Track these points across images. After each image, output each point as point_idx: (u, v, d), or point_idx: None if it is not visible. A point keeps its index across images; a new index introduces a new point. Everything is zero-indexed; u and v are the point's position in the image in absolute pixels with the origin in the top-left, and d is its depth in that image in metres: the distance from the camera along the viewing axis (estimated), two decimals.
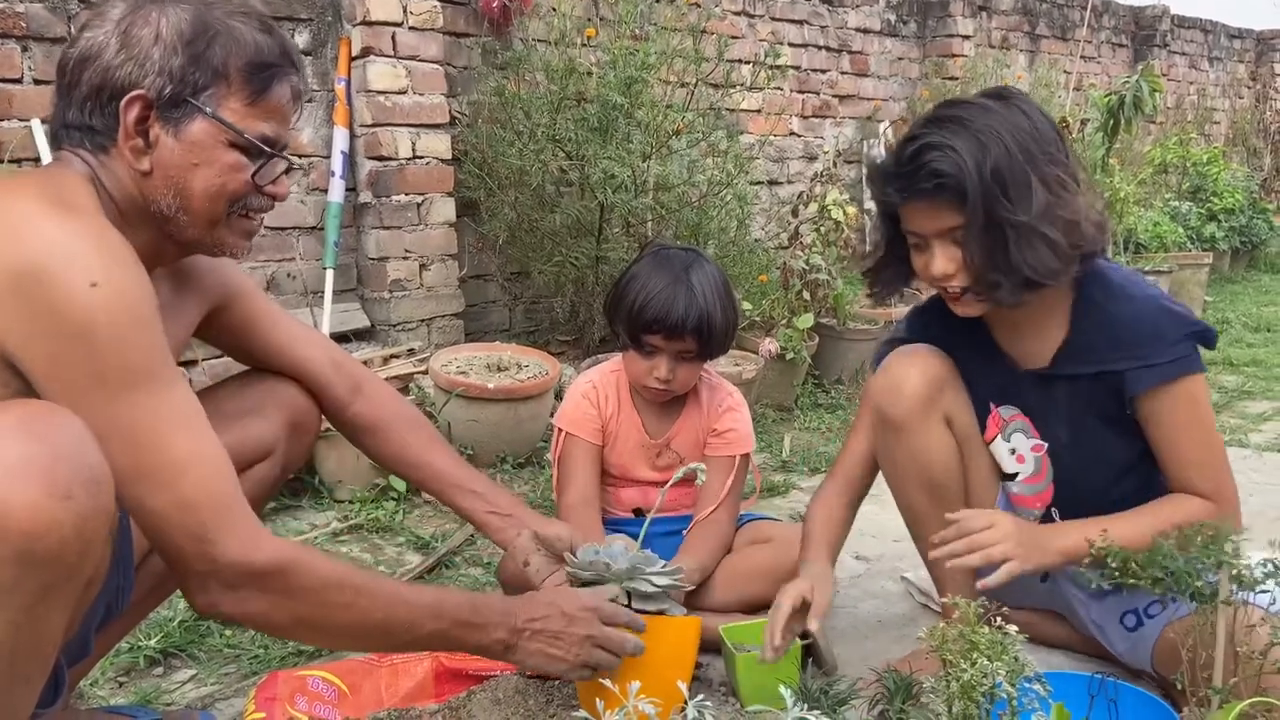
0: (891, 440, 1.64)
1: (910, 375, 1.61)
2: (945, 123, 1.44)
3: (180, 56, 1.11)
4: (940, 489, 1.64)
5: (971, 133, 1.41)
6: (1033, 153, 1.41)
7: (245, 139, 1.15)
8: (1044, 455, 1.62)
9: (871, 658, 1.76)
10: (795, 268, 3.71)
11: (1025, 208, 1.39)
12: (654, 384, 1.83)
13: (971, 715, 1.21)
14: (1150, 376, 1.47)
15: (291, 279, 3.40)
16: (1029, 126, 1.43)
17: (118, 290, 1.02)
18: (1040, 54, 7.13)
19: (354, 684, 1.59)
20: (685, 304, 1.77)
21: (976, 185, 1.39)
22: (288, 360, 1.47)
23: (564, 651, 1.35)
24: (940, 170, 1.40)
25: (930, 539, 1.53)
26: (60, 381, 1.01)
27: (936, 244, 1.48)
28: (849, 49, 5.74)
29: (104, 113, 1.12)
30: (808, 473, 3.01)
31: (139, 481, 1.05)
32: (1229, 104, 9.29)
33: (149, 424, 1.04)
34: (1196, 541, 1.24)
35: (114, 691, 1.68)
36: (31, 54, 2.80)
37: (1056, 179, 1.42)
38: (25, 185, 1.10)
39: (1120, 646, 1.62)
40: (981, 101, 1.47)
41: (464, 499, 1.56)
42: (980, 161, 1.39)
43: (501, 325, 4.06)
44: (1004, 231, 1.40)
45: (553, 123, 3.51)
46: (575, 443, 1.90)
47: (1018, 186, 1.39)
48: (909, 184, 1.45)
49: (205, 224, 1.18)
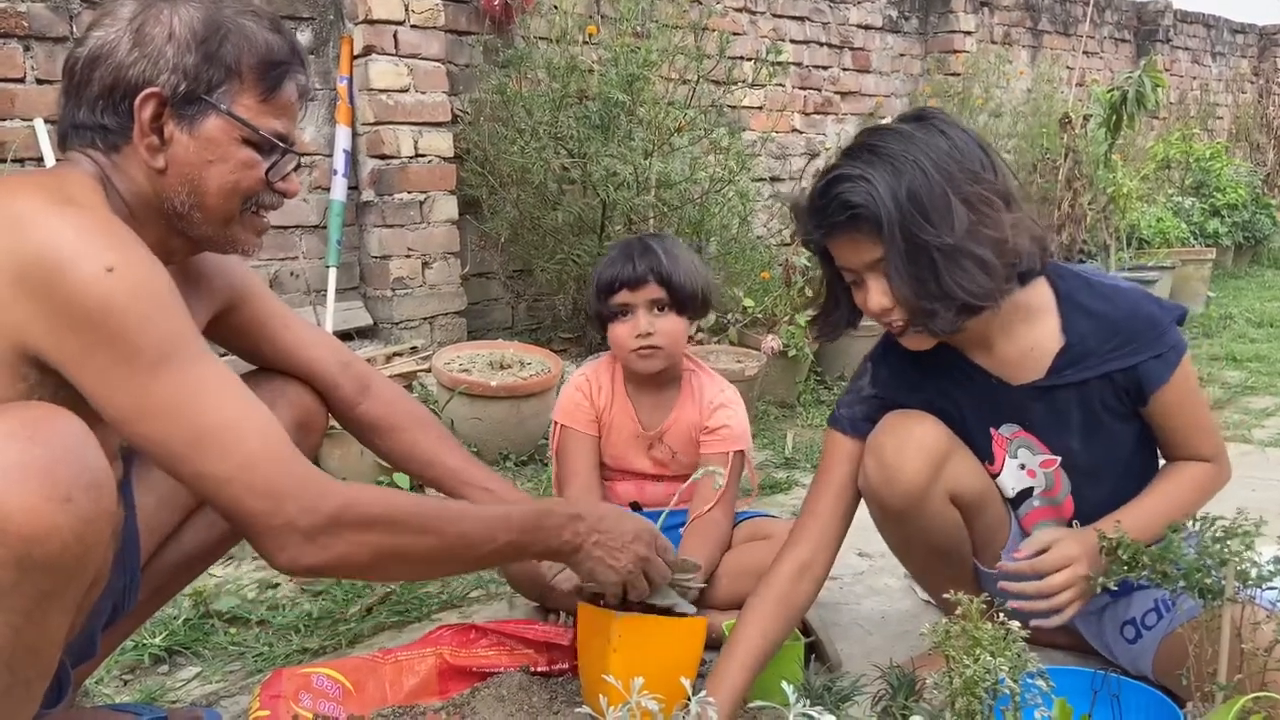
0: (889, 526, 1.61)
1: (906, 460, 1.51)
2: (859, 153, 1.40)
3: (194, 54, 1.12)
4: (945, 555, 1.62)
5: (884, 160, 1.37)
6: (951, 173, 1.36)
7: (259, 135, 1.16)
8: (1056, 470, 1.57)
9: (874, 654, 1.76)
10: (797, 264, 3.70)
11: (948, 229, 1.34)
12: (639, 344, 1.84)
13: (974, 711, 1.21)
14: (1164, 367, 1.46)
15: (294, 277, 3.40)
16: (947, 147, 1.38)
17: (133, 272, 1.02)
18: (1042, 49, 7.12)
19: (358, 681, 1.59)
20: (639, 256, 1.84)
21: (892, 212, 1.34)
22: (296, 360, 1.47)
23: (618, 564, 1.40)
24: (850, 201, 1.36)
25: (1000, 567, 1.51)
26: (94, 369, 1.00)
27: (869, 278, 1.43)
28: (851, 45, 5.74)
29: (117, 111, 1.12)
30: (810, 469, 3.01)
31: (196, 452, 1.04)
32: (1232, 99, 9.27)
33: (192, 394, 1.04)
34: (1209, 539, 1.24)
35: (119, 689, 1.69)
36: (34, 53, 2.81)
37: (980, 197, 1.37)
38: (29, 184, 1.10)
39: (1123, 658, 1.62)
40: (898, 127, 1.43)
41: (475, 496, 1.55)
42: (894, 187, 1.34)
43: (504, 323, 4.06)
44: (930, 256, 1.36)
45: (554, 120, 3.52)
46: (571, 435, 1.92)
47: (937, 209, 1.35)
48: (823, 218, 1.41)
49: (219, 221, 1.18)
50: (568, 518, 1.36)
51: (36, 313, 0.99)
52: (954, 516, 1.57)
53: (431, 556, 1.22)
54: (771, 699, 1.49)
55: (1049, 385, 1.51)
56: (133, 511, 1.25)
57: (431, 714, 1.56)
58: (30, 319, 0.99)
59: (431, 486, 1.59)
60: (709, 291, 1.91)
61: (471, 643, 1.68)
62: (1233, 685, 1.24)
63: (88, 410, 1.02)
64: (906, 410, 1.57)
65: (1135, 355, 1.47)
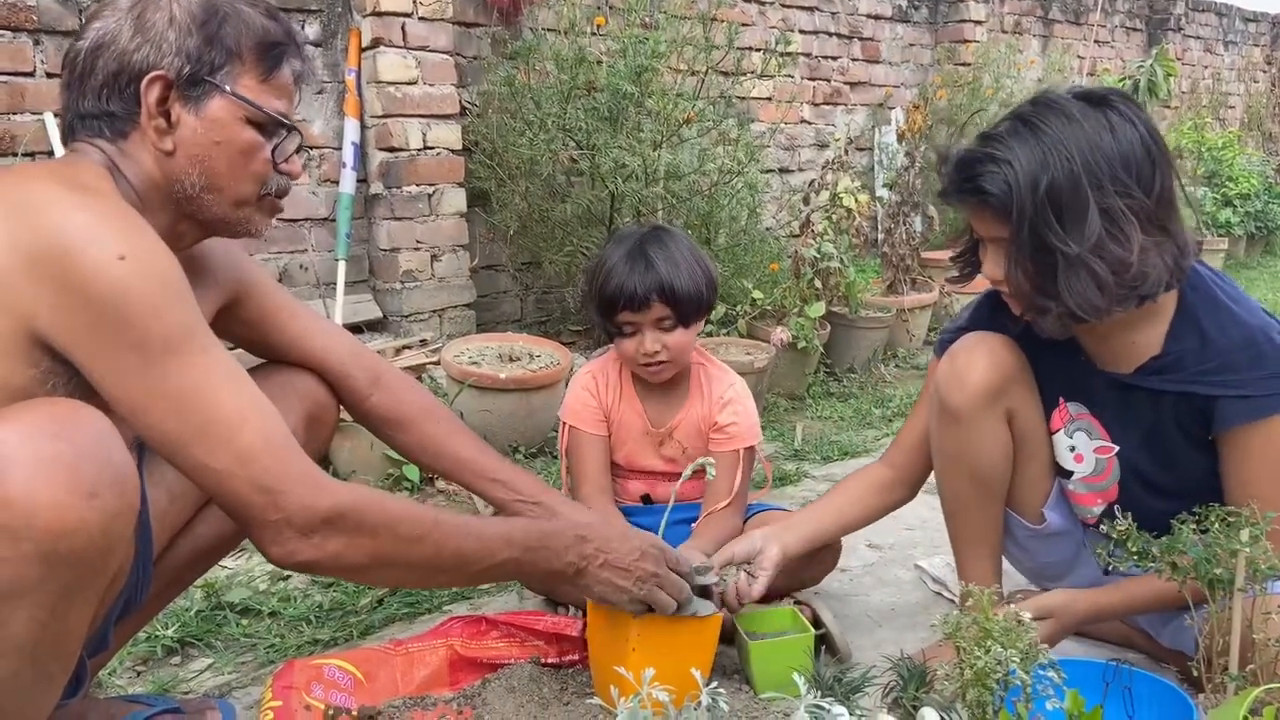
0: (946, 427, 1.60)
1: (976, 366, 1.54)
2: (1018, 127, 1.37)
3: (195, 37, 1.14)
4: (985, 484, 1.61)
5: (1038, 143, 1.33)
6: (1100, 178, 1.31)
7: (263, 113, 1.18)
8: (1110, 458, 1.56)
9: (884, 645, 1.76)
10: (807, 256, 3.69)
11: (1076, 237, 1.31)
12: (647, 360, 1.83)
13: (985, 702, 1.21)
14: (1245, 410, 1.39)
15: (304, 270, 3.41)
16: (1110, 147, 1.32)
17: (146, 260, 1.03)
18: (1053, 39, 7.08)
19: (370, 672, 1.60)
20: (641, 273, 1.78)
21: (1026, 206, 1.32)
22: (305, 352, 1.47)
23: (629, 583, 1.37)
24: (984, 188, 1.36)
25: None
26: (101, 356, 1.01)
27: (991, 247, 1.43)
28: (860, 35, 5.71)
29: (123, 97, 1.14)
30: (820, 461, 3.01)
31: (196, 443, 1.05)
32: (1244, 88, 9.20)
33: (196, 384, 1.05)
34: (1216, 528, 1.23)
35: (132, 681, 1.70)
36: (43, 47, 2.81)
37: (1120, 211, 1.32)
38: (42, 171, 1.11)
39: (1164, 630, 1.62)
40: (1069, 107, 1.36)
41: (489, 488, 1.56)
42: (1036, 178, 1.32)
43: (513, 315, 4.06)
44: (1052, 258, 1.33)
45: (563, 112, 3.51)
46: (580, 436, 1.90)
47: (1072, 213, 1.31)
48: (954, 190, 1.42)
49: (231, 202, 1.20)
50: (574, 539, 1.34)
51: (47, 298, 0.99)
52: (1006, 439, 1.58)
53: (427, 565, 1.22)
54: (782, 691, 1.49)
55: (1129, 383, 1.50)
56: (145, 505, 1.25)
57: (443, 705, 1.56)
58: (41, 304, 1.00)
59: (444, 477, 1.59)
60: (714, 288, 1.88)
61: (482, 634, 1.69)
62: (1245, 676, 1.24)
63: (102, 401, 1.03)
64: (983, 332, 1.59)
65: (1221, 387, 1.40)
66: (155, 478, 1.33)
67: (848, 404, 3.63)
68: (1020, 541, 1.70)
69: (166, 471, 1.35)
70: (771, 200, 4.87)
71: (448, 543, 1.21)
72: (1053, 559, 1.71)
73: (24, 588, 0.89)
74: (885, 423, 3.42)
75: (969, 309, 1.69)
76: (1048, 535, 1.66)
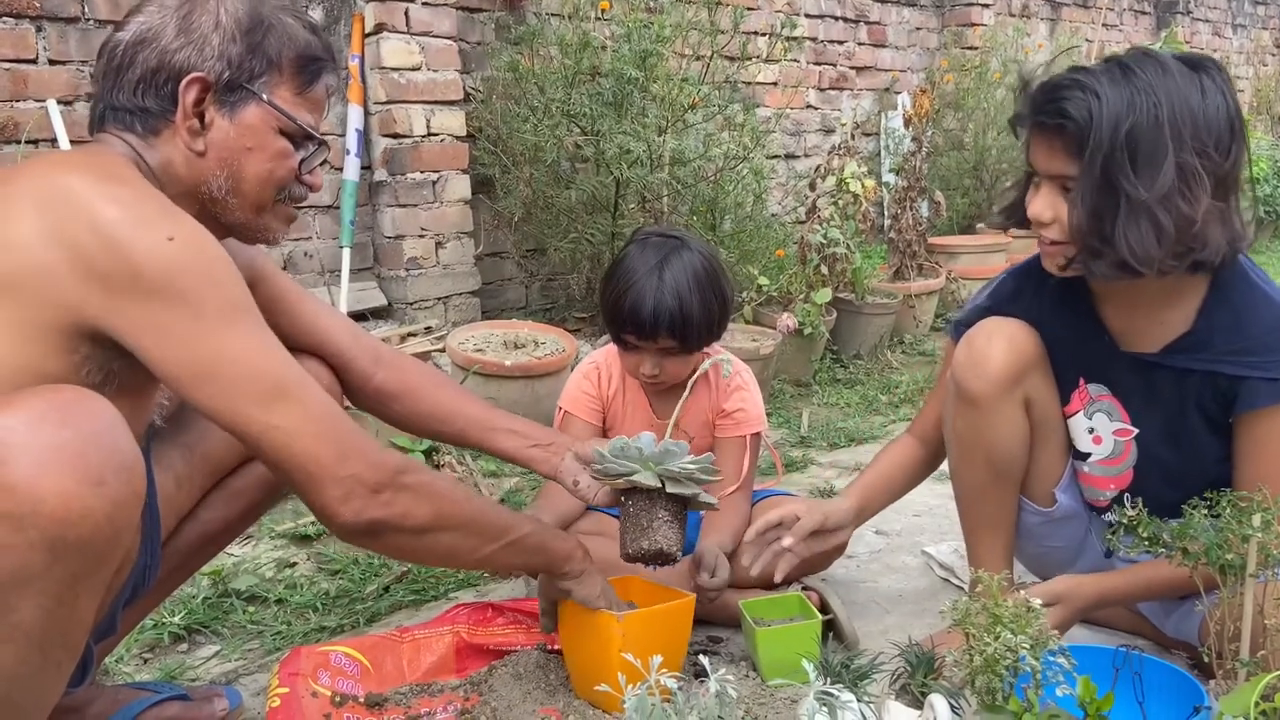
0: (962, 414, 1.57)
1: (995, 352, 1.52)
2: (1112, 66, 1.37)
3: (239, 44, 1.17)
4: (1001, 471, 1.59)
5: (1129, 84, 1.32)
6: (1182, 133, 1.31)
7: (296, 126, 1.21)
8: (1129, 441, 1.56)
9: (892, 632, 1.76)
10: (813, 242, 3.67)
11: (1147, 183, 1.30)
12: (643, 378, 1.82)
13: (995, 689, 1.20)
14: (1269, 392, 1.38)
15: (308, 258, 3.40)
16: (1197, 106, 1.32)
17: (193, 238, 1.05)
18: (1061, 22, 7.03)
19: (376, 659, 1.60)
20: (654, 304, 1.71)
21: (1104, 141, 1.31)
22: (311, 336, 1.48)
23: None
24: (1067, 110, 1.34)
25: None
26: (159, 332, 1.03)
27: (1045, 185, 1.41)
28: (866, 19, 5.67)
29: (159, 94, 1.15)
30: (826, 448, 3.00)
31: (265, 404, 1.07)
32: (1253, 71, 9.13)
33: (261, 351, 1.08)
34: (1227, 513, 1.22)
35: (139, 668, 1.70)
36: (46, 34, 2.80)
37: (1194, 170, 1.31)
38: (73, 161, 1.12)
39: (1166, 620, 1.61)
40: (1165, 60, 1.36)
41: (505, 439, 1.56)
42: (1120, 117, 1.31)
43: (518, 303, 4.05)
44: (1117, 200, 1.32)
45: (567, 98, 3.49)
46: (572, 421, 1.90)
47: (1148, 159, 1.30)
48: (1035, 112, 1.40)
49: (253, 208, 1.22)
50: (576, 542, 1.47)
51: (96, 288, 1.01)
52: (1023, 426, 1.57)
53: (475, 529, 1.29)
54: (790, 677, 1.49)
55: (1154, 362, 1.49)
56: (153, 490, 1.26)
57: (449, 691, 1.56)
58: (92, 297, 1.01)
59: (458, 440, 1.59)
60: (728, 315, 1.84)
61: (488, 621, 1.69)
62: (1256, 661, 1.23)
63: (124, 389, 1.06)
64: (1002, 318, 1.58)
65: (1248, 368, 1.40)
66: (163, 464, 1.34)
67: (854, 390, 3.62)
68: (1027, 528, 1.69)
69: (173, 457, 1.36)
70: (777, 186, 4.84)
71: (488, 507, 1.33)
72: (1059, 544, 1.70)
73: (30, 575, 0.89)
74: (892, 409, 3.41)
75: (988, 288, 1.67)
76: (1056, 520, 1.65)
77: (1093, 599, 1.53)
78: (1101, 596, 1.54)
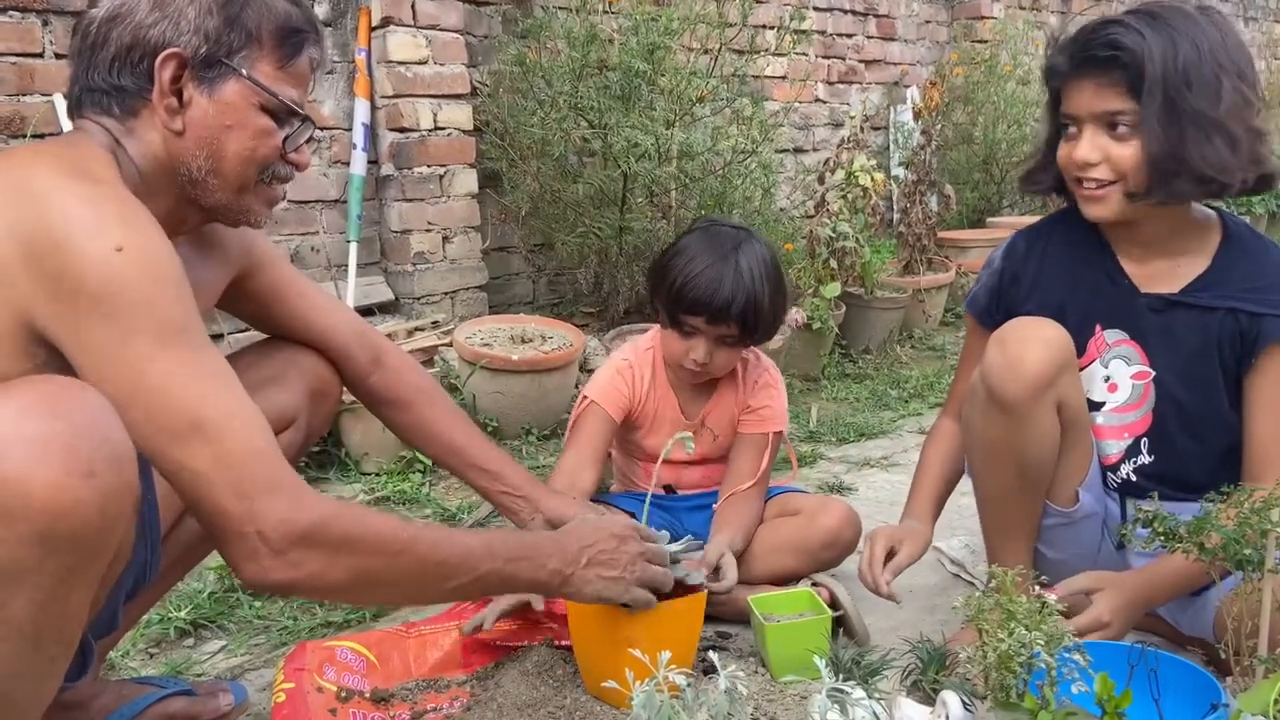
0: (993, 420, 1.52)
1: (1030, 355, 1.47)
2: (1139, 14, 1.43)
3: (216, 17, 1.12)
4: (1030, 477, 1.55)
5: (1164, 25, 1.40)
6: (1222, 62, 1.40)
7: (278, 101, 1.16)
8: (1148, 383, 1.55)
9: (903, 628, 1.74)
10: (821, 236, 3.65)
11: (1212, 102, 1.38)
12: (690, 365, 1.79)
13: (1009, 686, 1.18)
14: None
15: (315, 252, 3.39)
16: (1220, 41, 1.42)
17: (143, 253, 1.00)
18: (1071, 14, 6.97)
19: (382, 655, 1.59)
20: (731, 287, 1.70)
21: (1157, 71, 1.38)
22: (311, 328, 1.46)
23: (621, 571, 1.35)
24: (1119, 42, 1.40)
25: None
26: (91, 347, 0.99)
27: (1089, 129, 1.45)
28: (875, 12, 5.63)
29: (135, 72, 1.11)
30: (835, 443, 2.98)
31: (177, 443, 1.01)
32: (1265, 64, 9.06)
33: (183, 383, 1.01)
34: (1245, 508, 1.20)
35: (144, 663, 1.69)
36: (52, 28, 2.79)
37: (1241, 92, 1.41)
38: (42, 156, 1.09)
39: (1182, 616, 1.59)
40: (1183, 6, 1.45)
41: (478, 478, 1.55)
42: (1167, 51, 1.38)
43: (525, 297, 4.04)
44: (1183, 124, 1.39)
45: (574, 91, 3.47)
46: (595, 411, 1.85)
47: (1204, 83, 1.38)
48: (1082, 50, 1.44)
49: (234, 189, 1.18)
50: (553, 545, 1.31)
51: (44, 290, 0.98)
52: (1055, 431, 1.54)
53: (409, 581, 1.17)
54: (800, 673, 1.48)
55: (1176, 300, 1.52)
56: (151, 483, 1.24)
57: (455, 687, 1.55)
58: (38, 296, 0.98)
59: (436, 462, 1.58)
60: (784, 315, 1.86)
61: None
62: (1274, 658, 1.21)
63: None
64: (1032, 317, 1.56)
65: (1268, 306, 1.47)
66: None
67: (863, 385, 3.60)
68: (1044, 532, 1.66)
69: None
70: (786, 180, 4.82)
71: (431, 555, 1.16)
72: (1077, 550, 1.67)
73: (22, 569, 0.88)
74: (901, 404, 3.39)
75: (999, 251, 1.68)
76: (1075, 522, 1.63)
77: (1139, 585, 1.49)
78: (1149, 583, 1.49)
